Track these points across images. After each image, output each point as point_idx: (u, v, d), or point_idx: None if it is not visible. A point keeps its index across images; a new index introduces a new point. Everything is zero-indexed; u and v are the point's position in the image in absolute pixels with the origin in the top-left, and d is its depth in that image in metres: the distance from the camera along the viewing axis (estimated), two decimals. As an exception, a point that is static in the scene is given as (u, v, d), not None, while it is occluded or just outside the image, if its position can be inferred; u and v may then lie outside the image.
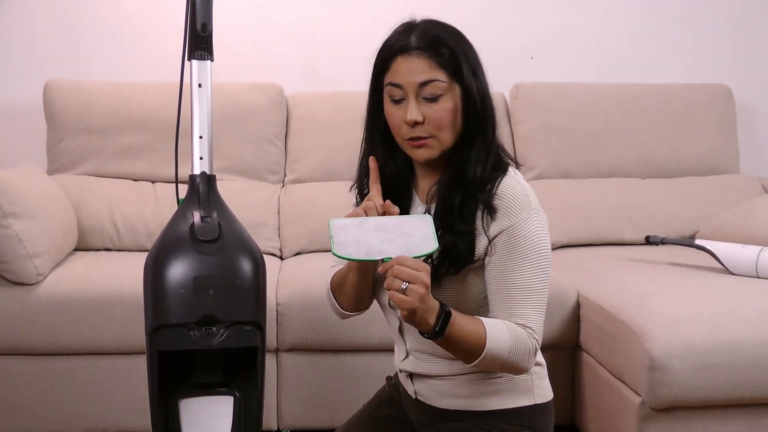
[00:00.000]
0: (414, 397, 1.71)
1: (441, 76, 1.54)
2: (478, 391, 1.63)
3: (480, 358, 1.49)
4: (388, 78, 1.57)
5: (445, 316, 1.44)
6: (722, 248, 2.55)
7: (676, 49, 3.56)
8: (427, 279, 1.40)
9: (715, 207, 3.11)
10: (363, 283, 1.64)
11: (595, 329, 2.39)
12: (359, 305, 1.71)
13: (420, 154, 1.57)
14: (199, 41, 1.60)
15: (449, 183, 1.58)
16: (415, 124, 1.54)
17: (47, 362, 2.47)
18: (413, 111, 1.54)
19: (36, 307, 2.43)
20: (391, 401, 1.80)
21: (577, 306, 2.50)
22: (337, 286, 1.70)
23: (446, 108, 1.54)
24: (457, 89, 1.55)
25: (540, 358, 1.67)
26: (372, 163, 1.61)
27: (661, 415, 2.09)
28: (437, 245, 1.45)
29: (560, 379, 2.50)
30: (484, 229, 1.55)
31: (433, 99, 1.54)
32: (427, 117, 1.54)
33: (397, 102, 1.56)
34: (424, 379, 1.68)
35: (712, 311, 2.15)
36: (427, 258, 1.52)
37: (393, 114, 1.57)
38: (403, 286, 1.38)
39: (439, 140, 1.56)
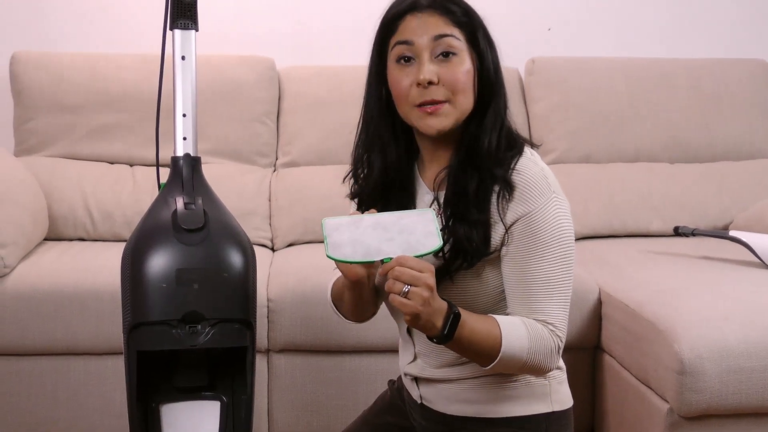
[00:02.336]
0: (419, 402, 1.71)
1: (457, 33, 1.54)
2: (490, 396, 1.63)
3: (496, 360, 1.48)
4: (397, 38, 1.55)
5: (453, 318, 1.44)
6: (759, 240, 2.54)
7: (708, 21, 3.55)
8: (432, 280, 1.39)
9: (752, 195, 3.11)
10: (360, 299, 1.63)
11: (618, 329, 2.39)
12: (362, 317, 1.72)
13: (431, 124, 1.54)
14: (182, 9, 1.60)
15: (461, 165, 1.57)
16: (429, 84, 1.52)
17: (14, 363, 2.47)
18: (427, 69, 1.52)
19: (2, 302, 2.42)
20: (394, 408, 1.80)
21: (599, 303, 2.50)
22: (337, 299, 1.71)
23: (462, 68, 1.53)
24: (471, 53, 1.55)
25: (559, 361, 1.66)
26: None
27: (691, 424, 2.08)
28: (441, 242, 1.44)
29: (580, 384, 2.50)
30: (500, 216, 1.54)
31: (447, 57, 1.53)
32: (442, 77, 1.52)
33: (406, 62, 1.54)
34: (430, 383, 1.68)
35: (747, 309, 2.14)
36: (438, 252, 1.51)
37: (400, 78, 1.55)
38: (405, 289, 1.37)
39: (455, 105, 1.54)
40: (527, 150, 1.59)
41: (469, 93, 1.55)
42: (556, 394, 1.65)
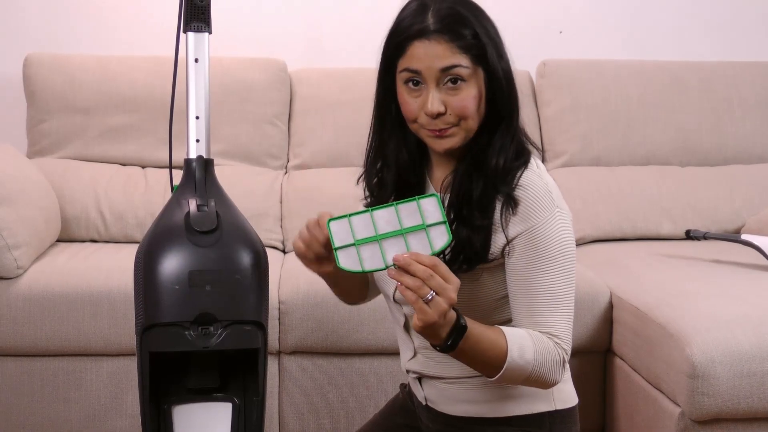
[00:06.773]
0: (424, 403, 1.71)
1: (464, 60, 1.51)
2: (493, 395, 1.63)
3: (501, 372, 1.48)
4: (404, 63, 1.54)
5: (458, 330, 1.42)
6: (771, 244, 2.54)
7: (719, 23, 3.54)
8: (455, 295, 1.37)
9: (763, 198, 3.09)
10: (341, 286, 1.73)
11: (629, 332, 2.38)
12: (355, 300, 1.80)
13: (440, 144, 1.56)
14: (196, 11, 1.60)
15: (467, 171, 1.57)
16: (437, 115, 1.52)
17: (27, 364, 2.47)
18: (435, 101, 1.51)
19: (15, 303, 2.42)
20: (405, 410, 1.80)
21: (610, 306, 2.49)
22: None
23: (470, 95, 1.52)
24: (480, 73, 1.53)
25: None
26: None
27: (702, 428, 2.08)
28: (450, 236, 1.41)
29: (591, 387, 2.50)
30: (502, 226, 1.54)
31: (455, 86, 1.52)
32: (450, 106, 1.52)
33: (414, 88, 1.54)
34: (434, 383, 1.68)
35: (759, 313, 2.14)
36: (440, 254, 1.51)
37: (409, 102, 1.55)
38: (429, 296, 1.35)
39: (464, 128, 1.55)
40: (533, 162, 1.59)
41: (476, 117, 1.55)
42: (559, 392, 1.64)
